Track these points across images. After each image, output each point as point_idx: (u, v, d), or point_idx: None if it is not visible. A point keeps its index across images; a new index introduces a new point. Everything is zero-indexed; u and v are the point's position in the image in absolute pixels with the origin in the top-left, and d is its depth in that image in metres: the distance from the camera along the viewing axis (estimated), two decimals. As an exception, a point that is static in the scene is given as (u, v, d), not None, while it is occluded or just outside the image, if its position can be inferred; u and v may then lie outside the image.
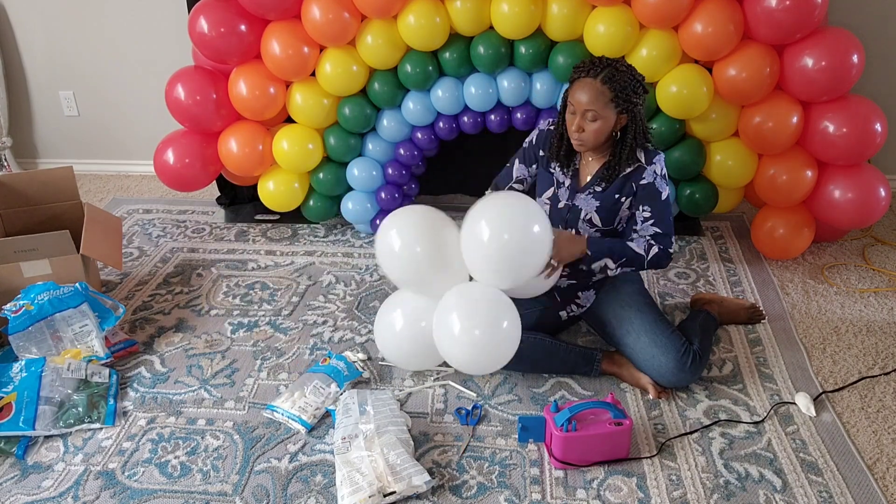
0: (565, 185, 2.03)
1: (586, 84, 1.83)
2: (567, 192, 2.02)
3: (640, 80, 1.85)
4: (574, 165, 2.02)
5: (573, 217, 2.02)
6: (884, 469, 1.73)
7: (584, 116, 1.85)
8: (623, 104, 1.84)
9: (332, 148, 2.69)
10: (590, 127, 1.86)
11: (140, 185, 3.45)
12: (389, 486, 1.62)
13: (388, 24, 2.48)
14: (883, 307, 2.36)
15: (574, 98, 1.86)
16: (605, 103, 1.82)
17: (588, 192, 1.99)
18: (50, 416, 1.89)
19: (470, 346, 1.75)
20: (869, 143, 2.32)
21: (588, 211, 1.99)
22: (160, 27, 3.18)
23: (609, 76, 1.82)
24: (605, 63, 1.84)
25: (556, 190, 2.04)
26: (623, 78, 1.82)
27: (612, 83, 1.81)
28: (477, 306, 1.77)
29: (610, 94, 1.82)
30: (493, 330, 1.76)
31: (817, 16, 2.23)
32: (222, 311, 2.41)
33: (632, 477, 1.72)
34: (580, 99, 1.84)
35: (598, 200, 1.97)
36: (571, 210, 2.02)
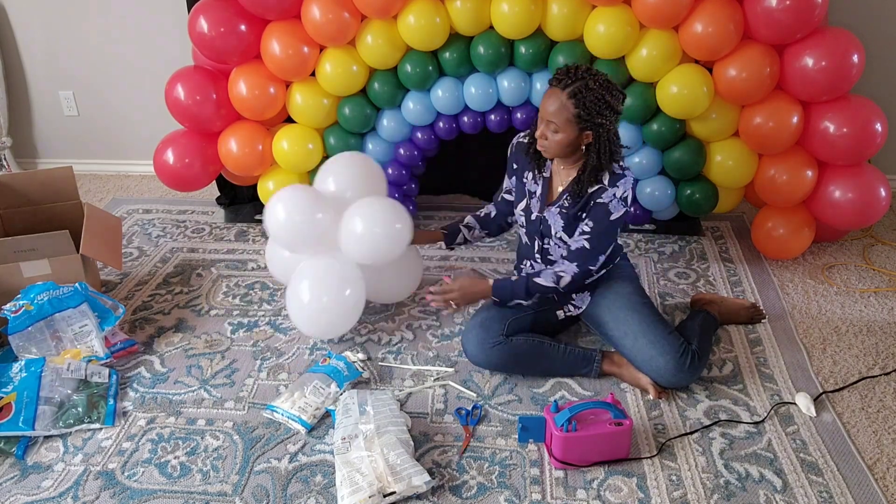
0: (536, 195, 2.01)
1: (553, 95, 1.80)
2: (538, 204, 2.01)
3: (610, 100, 1.77)
4: (545, 174, 2.00)
5: (546, 230, 2.01)
6: (884, 469, 1.73)
7: (546, 125, 1.83)
8: (586, 123, 1.79)
9: (332, 148, 2.69)
10: (551, 137, 1.83)
11: (140, 185, 3.45)
12: (389, 487, 1.61)
13: (388, 24, 2.48)
14: (883, 307, 2.36)
15: (541, 104, 1.84)
16: (566, 118, 1.78)
17: (557, 206, 1.96)
18: (50, 416, 1.88)
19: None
20: (869, 143, 2.32)
21: (556, 229, 1.98)
22: (160, 27, 3.18)
23: (576, 91, 1.76)
24: (578, 75, 1.77)
25: (528, 201, 2.04)
26: (591, 96, 1.75)
27: (577, 99, 1.76)
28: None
29: (573, 110, 1.77)
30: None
31: (817, 16, 2.23)
32: (222, 311, 2.41)
33: (632, 477, 1.72)
34: (545, 107, 1.81)
35: (563, 220, 1.96)
36: (543, 223, 2.01)
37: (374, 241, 2.07)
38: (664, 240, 2.80)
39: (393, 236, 2.08)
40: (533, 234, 2.06)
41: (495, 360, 2.00)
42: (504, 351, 1.98)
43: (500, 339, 1.98)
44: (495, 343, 1.98)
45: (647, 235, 2.82)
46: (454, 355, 2.15)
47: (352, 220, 2.08)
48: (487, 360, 2.01)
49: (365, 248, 2.08)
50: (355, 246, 2.09)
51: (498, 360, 1.99)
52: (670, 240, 2.80)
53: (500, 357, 1.99)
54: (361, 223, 2.06)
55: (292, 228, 2.09)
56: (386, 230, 2.07)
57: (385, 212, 2.09)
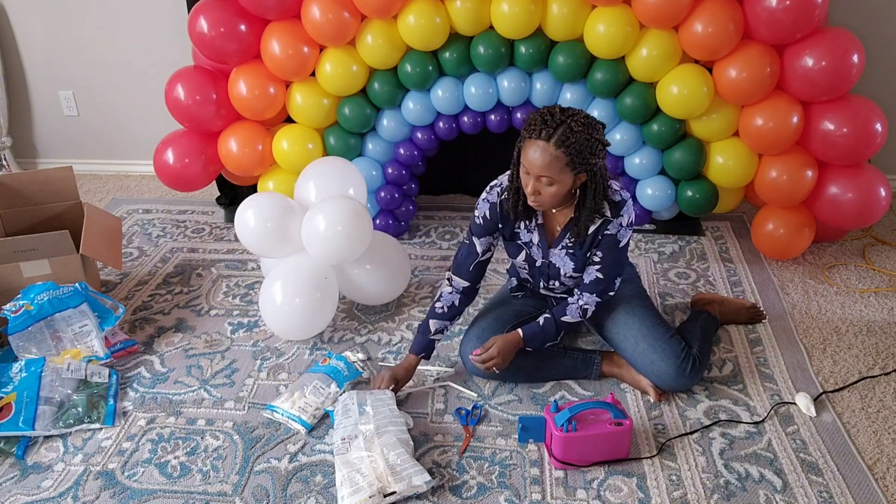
0: (535, 244, 1.92)
1: (537, 148, 1.66)
2: (539, 251, 1.93)
3: (597, 137, 1.67)
4: (537, 220, 1.89)
5: (553, 273, 1.96)
6: (884, 469, 1.73)
7: (538, 180, 1.70)
8: (580, 167, 1.68)
9: (332, 148, 2.69)
10: (546, 191, 1.71)
11: (140, 185, 3.45)
12: (389, 487, 1.61)
13: (388, 24, 2.48)
14: (883, 307, 2.36)
15: (527, 160, 1.69)
16: (560, 168, 1.67)
17: (561, 248, 1.90)
18: (50, 416, 1.88)
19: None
20: (869, 143, 2.32)
21: (566, 270, 1.93)
22: (160, 27, 3.18)
23: (563, 139, 1.63)
24: (558, 121, 1.65)
25: (527, 252, 1.96)
26: (579, 139, 1.64)
27: (566, 146, 1.64)
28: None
29: (566, 158, 1.65)
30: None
31: (817, 16, 2.23)
32: (222, 311, 2.41)
33: (632, 477, 1.72)
34: (532, 163, 1.67)
35: (574, 261, 1.90)
36: (550, 267, 1.95)
37: (336, 240, 2.11)
38: (664, 240, 2.80)
39: (353, 234, 2.13)
40: (538, 277, 2.01)
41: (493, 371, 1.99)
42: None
43: None
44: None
45: (647, 235, 2.82)
46: (454, 355, 2.15)
47: (314, 218, 2.13)
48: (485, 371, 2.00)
49: (328, 247, 2.13)
50: (318, 245, 2.14)
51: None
52: (670, 240, 2.80)
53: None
54: (324, 221, 2.11)
55: (263, 234, 2.19)
56: (347, 228, 2.11)
57: (344, 210, 2.13)
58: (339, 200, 2.16)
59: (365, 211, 2.19)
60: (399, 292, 2.40)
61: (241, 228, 2.22)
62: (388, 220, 2.78)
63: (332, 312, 2.21)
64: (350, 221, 2.12)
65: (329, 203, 2.15)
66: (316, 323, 2.18)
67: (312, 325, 2.18)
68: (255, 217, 2.19)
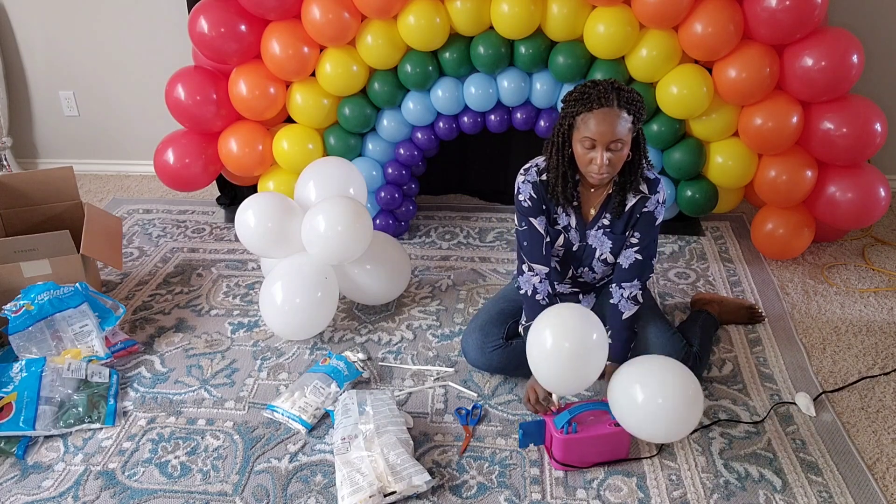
0: (573, 227, 1.90)
1: (607, 115, 1.65)
2: (577, 234, 1.92)
3: (641, 96, 1.71)
4: (574, 202, 1.87)
5: (588, 256, 1.94)
6: (884, 469, 1.73)
7: (609, 148, 1.68)
8: (638, 126, 1.71)
9: (332, 148, 2.69)
10: (617, 158, 1.70)
11: (140, 185, 3.45)
12: (390, 486, 1.62)
13: (388, 24, 2.48)
14: (883, 307, 2.36)
15: (595, 131, 1.66)
16: (629, 129, 1.68)
17: (598, 228, 1.89)
18: (50, 416, 1.89)
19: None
20: (869, 143, 2.32)
21: (603, 251, 1.91)
22: (160, 27, 3.18)
23: (624, 100, 1.66)
24: (608, 87, 1.67)
25: (565, 236, 1.93)
26: (633, 97, 1.67)
27: (629, 106, 1.66)
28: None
29: (631, 118, 1.68)
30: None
31: (817, 16, 2.23)
32: (222, 311, 2.41)
33: (632, 477, 1.72)
34: (605, 131, 1.65)
35: (611, 241, 1.89)
36: (586, 250, 1.94)
37: (336, 240, 2.10)
38: (664, 240, 2.80)
39: (354, 234, 2.11)
40: (568, 262, 1.99)
41: (495, 364, 2.00)
42: (504, 354, 1.98)
43: (500, 342, 1.98)
44: (495, 347, 1.98)
45: (647, 235, 2.82)
46: (454, 355, 2.15)
47: (314, 218, 2.12)
48: (487, 363, 2.01)
49: (328, 247, 2.12)
50: (319, 245, 2.12)
51: (498, 363, 1.99)
52: (670, 240, 2.80)
53: (500, 360, 1.99)
54: (324, 221, 2.10)
55: (263, 234, 2.18)
56: (348, 228, 2.10)
57: (344, 210, 2.12)
58: (339, 200, 2.16)
59: (365, 211, 2.19)
60: (399, 292, 2.40)
61: (241, 229, 2.21)
62: (388, 220, 2.78)
63: (332, 312, 2.21)
64: (350, 221, 2.11)
65: (329, 203, 2.14)
66: (316, 323, 2.18)
67: (313, 325, 2.18)
68: (255, 217, 2.18)
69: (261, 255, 2.33)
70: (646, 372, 1.65)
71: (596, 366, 1.66)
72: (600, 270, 1.97)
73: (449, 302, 2.42)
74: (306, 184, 2.32)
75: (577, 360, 1.63)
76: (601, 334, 1.66)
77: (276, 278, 2.16)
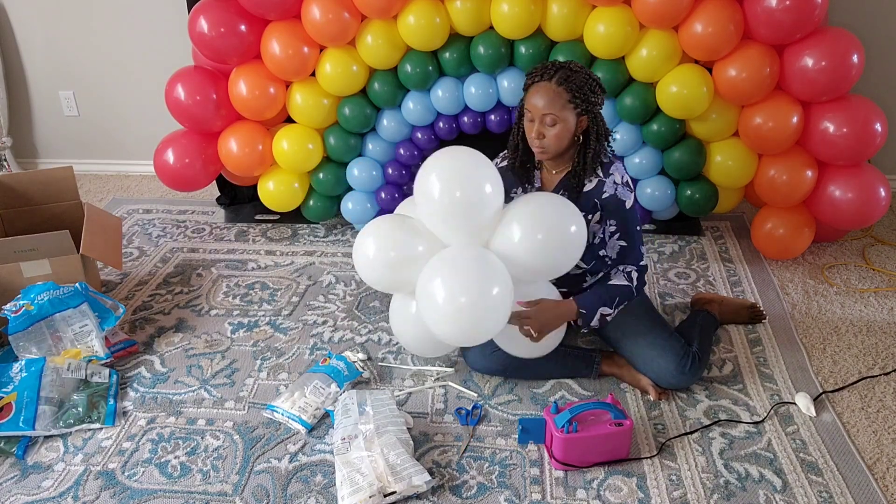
0: None
1: (541, 88, 1.77)
2: None
3: (595, 79, 1.79)
4: (535, 183, 1.96)
5: None
6: (884, 469, 1.73)
7: (542, 122, 1.78)
8: (581, 105, 1.77)
9: (332, 148, 2.69)
10: (550, 132, 1.79)
11: (140, 185, 3.45)
12: (390, 486, 1.61)
13: (388, 24, 2.48)
14: (883, 307, 2.36)
15: (530, 104, 1.79)
16: (562, 105, 1.76)
17: None
18: (50, 416, 1.89)
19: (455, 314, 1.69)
20: (869, 143, 2.32)
21: None
22: (160, 27, 3.18)
23: (564, 77, 1.75)
24: (557, 65, 1.78)
25: None
26: (578, 78, 1.75)
27: (567, 83, 1.75)
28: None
29: (567, 94, 1.75)
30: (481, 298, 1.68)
31: (817, 16, 2.23)
32: (222, 311, 2.41)
33: (632, 477, 1.72)
34: (536, 104, 1.77)
35: None
36: None
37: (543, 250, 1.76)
38: (664, 240, 2.80)
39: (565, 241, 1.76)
40: None
41: (495, 366, 2.00)
42: (504, 356, 1.97)
43: None
44: (495, 349, 1.97)
45: (647, 235, 2.82)
46: (454, 355, 2.15)
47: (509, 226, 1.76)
48: (488, 366, 2.00)
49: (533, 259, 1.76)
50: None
51: (498, 365, 1.99)
52: (670, 240, 2.80)
53: (501, 363, 1.98)
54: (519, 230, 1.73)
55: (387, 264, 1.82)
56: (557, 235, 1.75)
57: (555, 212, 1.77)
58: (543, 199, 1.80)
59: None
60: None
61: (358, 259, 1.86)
62: (388, 220, 2.78)
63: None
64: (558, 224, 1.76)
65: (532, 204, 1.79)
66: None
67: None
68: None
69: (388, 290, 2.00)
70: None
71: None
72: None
73: (449, 302, 2.42)
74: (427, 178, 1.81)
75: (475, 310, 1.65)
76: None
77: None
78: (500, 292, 1.69)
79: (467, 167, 1.76)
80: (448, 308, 1.68)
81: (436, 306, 1.70)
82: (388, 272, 1.83)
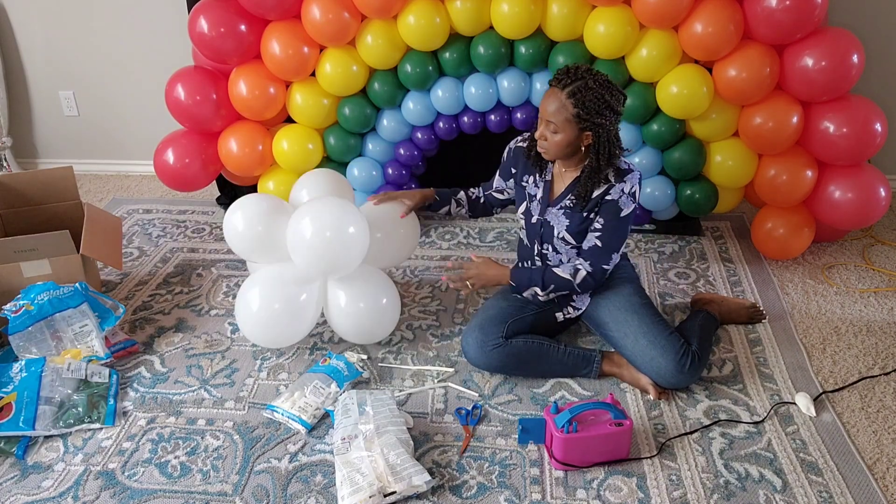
0: (537, 199, 2.00)
1: (552, 94, 1.79)
2: (538, 206, 1.99)
3: (609, 100, 1.75)
4: (546, 176, 1.99)
5: (547, 233, 2.00)
6: (884, 469, 1.73)
7: (546, 125, 1.81)
8: (585, 122, 1.77)
9: (332, 148, 2.69)
10: (551, 138, 1.82)
11: (140, 185, 3.45)
12: (390, 486, 1.61)
13: (388, 24, 2.48)
14: (883, 307, 2.36)
15: (541, 105, 1.83)
16: (565, 118, 1.77)
17: (559, 207, 1.95)
18: (50, 416, 1.89)
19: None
20: (869, 143, 2.32)
21: (560, 229, 1.96)
22: (160, 27, 3.18)
23: (576, 91, 1.74)
24: (578, 75, 1.76)
25: (528, 204, 2.02)
26: (591, 96, 1.74)
27: (576, 98, 1.74)
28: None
29: (572, 110, 1.75)
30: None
31: (817, 16, 2.23)
32: (222, 311, 2.41)
33: (632, 477, 1.72)
34: (544, 107, 1.80)
35: (568, 219, 1.94)
36: (545, 226, 1.99)
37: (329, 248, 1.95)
38: (664, 240, 2.80)
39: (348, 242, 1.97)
40: (533, 237, 2.05)
41: (495, 363, 2.00)
42: (504, 353, 1.98)
43: (500, 341, 1.98)
44: (495, 345, 1.98)
45: (647, 235, 2.82)
46: (454, 355, 2.15)
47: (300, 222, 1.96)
48: (487, 362, 2.01)
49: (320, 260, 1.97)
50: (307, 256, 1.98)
51: (498, 362, 2.00)
52: (670, 240, 2.80)
53: (500, 359, 1.99)
54: (311, 227, 1.94)
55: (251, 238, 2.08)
56: (339, 235, 1.95)
57: (335, 213, 1.96)
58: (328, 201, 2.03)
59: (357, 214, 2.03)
60: (408, 255, 2.31)
61: (228, 231, 2.10)
62: (388, 220, 2.78)
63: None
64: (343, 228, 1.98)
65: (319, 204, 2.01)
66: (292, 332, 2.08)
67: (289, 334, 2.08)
68: (244, 220, 2.07)
69: (247, 259, 2.25)
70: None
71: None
72: (563, 250, 1.99)
73: (448, 302, 2.42)
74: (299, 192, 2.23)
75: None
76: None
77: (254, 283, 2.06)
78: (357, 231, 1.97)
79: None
80: (315, 240, 1.94)
81: (305, 241, 1.95)
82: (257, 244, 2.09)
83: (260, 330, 2.06)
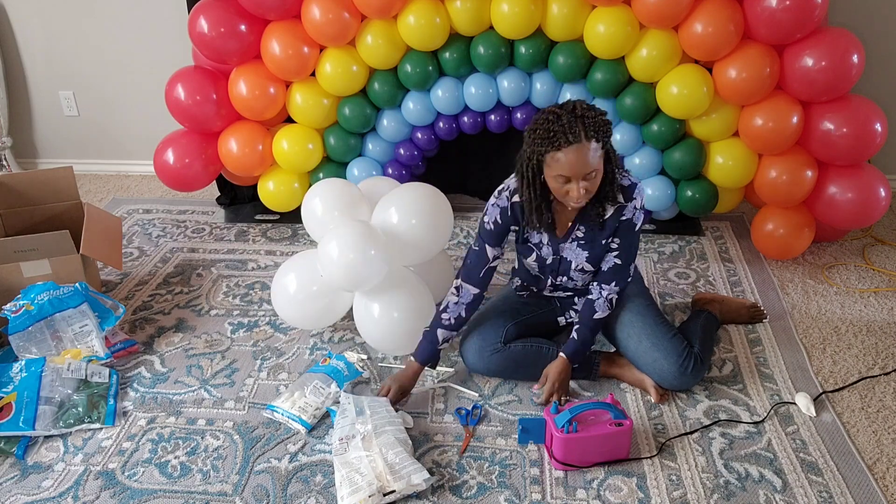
0: (545, 244, 1.92)
1: (576, 151, 1.64)
2: (549, 248, 1.93)
3: (603, 114, 1.70)
4: (547, 219, 1.85)
5: (564, 268, 1.95)
6: (884, 469, 1.73)
7: (585, 179, 1.69)
8: (607, 144, 1.72)
9: (332, 148, 2.69)
10: (592, 184, 1.71)
11: (140, 185, 3.45)
12: (389, 486, 1.61)
13: (388, 24, 2.48)
14: (883, 307, 2.36)
15: (569, 167, 1.66)
16: (600, 157, 1.69)
17: (572, 241, 1.90)
18: (50, 416, 1.89)
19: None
20: (869, 143, 2.32)
21: (579, 262, 1.92)
22: (160, 27, 3.18)
23: (591, 131, 1.65)
24: (575, 118, 1.65)
25: (538, 252, 1.95)
26: (598, 123, 1.66)
27: (597, 135, 1.66)
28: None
29: (598, 144, 1.67)
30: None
31: (817, 16, 2.23)
32: (222, 311, 2.41)
33: (632, 477, 1.72)
34: (578, 167, 1.66)
35: (587, 250, 1.90)
36: (561, 262, 1.95)
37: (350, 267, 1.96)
38: (664, 240, 2.80)
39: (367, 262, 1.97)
40: (547, 273, 2.00)
41: (494, 367, 2.00)
42: (502, 358, 1.97)
43: (499, 346, 1.98)
44: (494, 350, 1.97)
45: (647, 235, 2.82)
46: (454, 355, 2.15)
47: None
48: (486, 367, 2.00)
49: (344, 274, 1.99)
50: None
51: (497, 366, 1.99)
52: (670, 240, 2.80)
53: (499, 364, 1.99)
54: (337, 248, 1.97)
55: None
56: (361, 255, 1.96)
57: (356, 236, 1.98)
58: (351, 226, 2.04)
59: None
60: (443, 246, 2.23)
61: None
62: (388, 220, 2.78)
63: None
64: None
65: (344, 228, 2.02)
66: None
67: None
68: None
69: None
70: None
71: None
72: (579, 279, 1.98)
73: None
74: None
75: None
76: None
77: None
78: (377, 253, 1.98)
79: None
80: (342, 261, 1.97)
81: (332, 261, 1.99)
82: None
83: (295, 309, 2.14)
